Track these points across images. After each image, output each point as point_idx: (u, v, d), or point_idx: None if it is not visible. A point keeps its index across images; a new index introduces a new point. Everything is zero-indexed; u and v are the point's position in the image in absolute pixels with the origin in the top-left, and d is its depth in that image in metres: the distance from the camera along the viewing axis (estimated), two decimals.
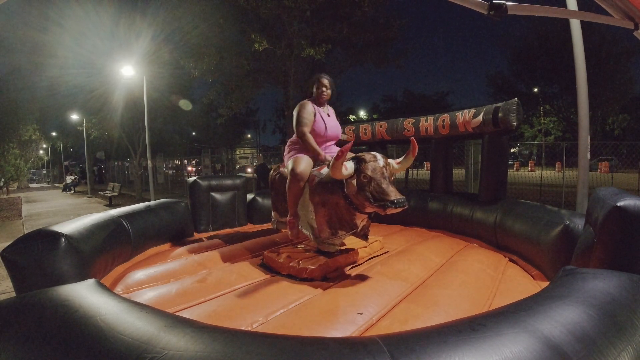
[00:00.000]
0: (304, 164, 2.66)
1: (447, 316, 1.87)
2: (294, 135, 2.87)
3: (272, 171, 3.39)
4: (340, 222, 2.49)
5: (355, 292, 2.16)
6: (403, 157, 2.47)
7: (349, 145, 2.13)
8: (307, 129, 2.72)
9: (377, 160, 2.23)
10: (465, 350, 0.94)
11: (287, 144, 2.95)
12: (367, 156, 2.25)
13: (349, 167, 2.20)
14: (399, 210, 2.08)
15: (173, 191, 16.70)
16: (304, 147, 2.78)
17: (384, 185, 2.14)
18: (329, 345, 0.98)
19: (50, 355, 1.05)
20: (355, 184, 2.21)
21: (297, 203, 2.75)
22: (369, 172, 2.17)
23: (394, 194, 2.09)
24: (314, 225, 2.61)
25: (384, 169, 2.22)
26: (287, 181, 2.70)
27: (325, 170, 2.53)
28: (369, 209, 2.26)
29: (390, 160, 2.37)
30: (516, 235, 3.10)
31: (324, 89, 2.87)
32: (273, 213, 3.38)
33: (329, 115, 2.93)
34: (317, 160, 2.72)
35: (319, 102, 2.90)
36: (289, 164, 2.74)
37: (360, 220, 2.50)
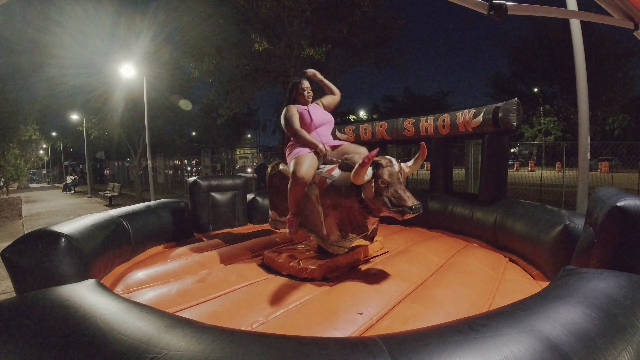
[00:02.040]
0: (307, 165, 2.63)
1: (447, 316, 1.87)
2: (292, 139, 2.91)
3: (269, 169, 3.33)
4: (352, 225, 2.49)
5: (355, 292, 2.16)
6: (413, 160, 2.47)
7: (374, 152, 2.14)
8: (297, 126, 2.80)
9: (393, 165, 2.24)
10: (465, 350, 0.94)
11: (287, 146, 2.95)
12: (384, 161, 2.26)
13: (367, 172, 2.20)
14: (415, 215, 2.12)
15: (173, 191, 16.70)
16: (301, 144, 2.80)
17: (400, 191, 2.16)
18: (329, 345, 0.98)
19: (50, 356, 1.04)
20: (372, 188, 2.22)
21: (298, 204, 2.73)
22: (387, 177, 2.18)
23: (410, 200, 2.13)
24: (322, 228, 2.59)
25: (399, 173, 2.24)
26: (289, 183, 2.67)
27: (336, 173, 2.51)
28: (385, 214, 2.27)
29: (401, 164, 2.38)
30: (516, 235, 3.10)
31: (308, 91, 2.94)
32: (271, 212, 3.33)
33: (316, 107, 2.99)
34: (318, 152, 2.71)
35: (303, 104, 2.94)
36: (291, 164, 2.72)
37: (372, 223, 2.51)
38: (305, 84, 2.94)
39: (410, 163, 2.46)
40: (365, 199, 2.28)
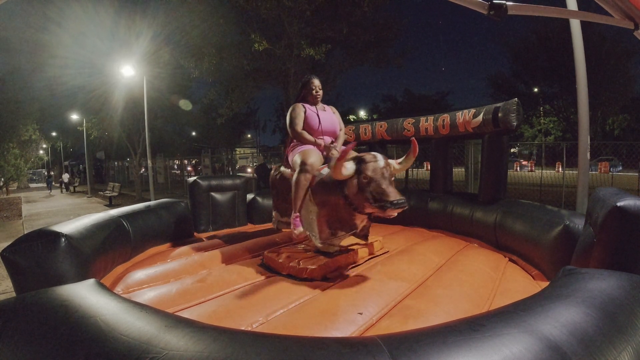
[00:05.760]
0: (314, 156, 2.65)
1: (447, 316, 1.87)
2: (294, 141, 2.91)
3: (272, 171, 3.38)
4: (339, 223, 2.50)
5: (355, 292, 2.16)
6: (404, 157, 2.46)
7: (350, 145, 2.13)
8: (299, 127, 2.80)
9: (377, 161, 2.22)
10: (465, 350, 0.94)
11: (289, 146, 2.95)
12: (368, 156, 2.25)
13: (349, 167, 2.20)
14: (399, 210, 2.06)
15: (173, 191, 16.69)
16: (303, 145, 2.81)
17: (383, 186, 2.12)
18: (329, 345, 0.98)
19: (50, 356, 1.04)
20: (355, 184, 2.21)
21: (303, 198, 2.68)
22: (369, 173, 2.17)
23: (393, 195, 2.07)
24: (315, 225, 2.61)
25: (384, 169, 2.20)
26: (296, 174, 2.63)
27: (325, 170, 2.53)
28: (369, 210, 2.26)
29: (390, 161, 2.36)
30: (516, 235, 3.10)
31: (318, 89, 2.91)
32: (274, 213, 3.38)
33: (324, 110, 2.97)
34: (320, 151, 2.74)
35: (312, 102, 2.93)
36: (297, 158, 2.71)
37: (360, 221, 2.50)
38: (316, 82, 2.92)
39: (400, 160, 2.44)
40: (349, 195, 2.28)
